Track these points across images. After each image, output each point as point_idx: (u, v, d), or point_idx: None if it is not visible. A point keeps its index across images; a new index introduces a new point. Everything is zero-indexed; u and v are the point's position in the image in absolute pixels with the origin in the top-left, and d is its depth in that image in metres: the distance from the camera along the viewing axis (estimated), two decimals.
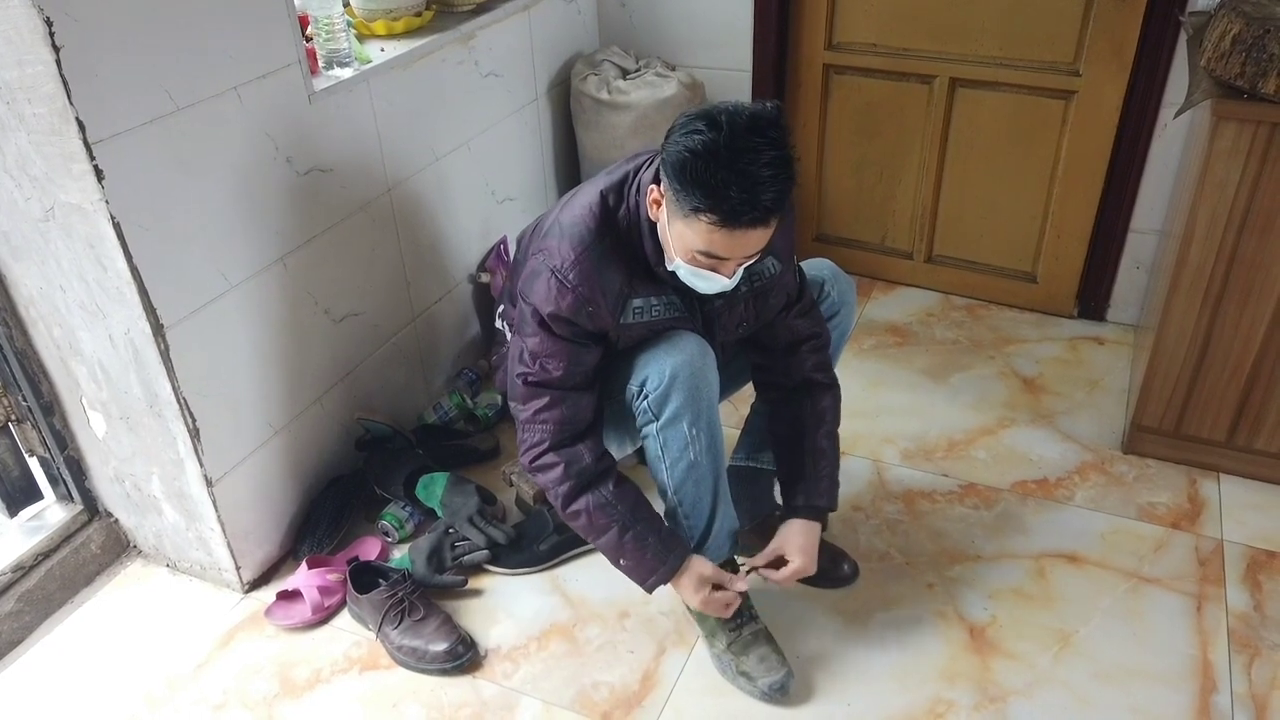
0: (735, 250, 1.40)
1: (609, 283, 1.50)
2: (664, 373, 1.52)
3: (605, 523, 1.57)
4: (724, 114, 1.33)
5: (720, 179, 1.31)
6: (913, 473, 2.13)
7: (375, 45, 2.02)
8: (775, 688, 1.62)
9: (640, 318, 1.55)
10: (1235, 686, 1.65)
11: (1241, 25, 1.69)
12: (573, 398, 1.55)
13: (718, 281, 1.46)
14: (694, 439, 1.56)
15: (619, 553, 1.58)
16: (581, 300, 1.49)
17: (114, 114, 1.43)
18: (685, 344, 1.54)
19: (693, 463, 1.57)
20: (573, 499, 1.57)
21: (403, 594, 1.75)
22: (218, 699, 1.69)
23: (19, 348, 1.75)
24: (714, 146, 1.31)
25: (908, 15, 2.46)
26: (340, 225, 1.92)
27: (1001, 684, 1.66)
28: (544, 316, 1.51)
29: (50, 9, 1.31)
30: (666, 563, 1.58)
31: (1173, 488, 2.07)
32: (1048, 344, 2.56)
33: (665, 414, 1.54)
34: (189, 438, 1.69)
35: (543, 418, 1.56)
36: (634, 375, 1.56)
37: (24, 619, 1.81)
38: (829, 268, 1.80)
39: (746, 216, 1.33)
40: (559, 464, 1.56)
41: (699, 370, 1.53)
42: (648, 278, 1.54)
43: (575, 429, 1.57)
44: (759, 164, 1.31)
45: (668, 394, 1.53)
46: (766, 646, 1.66)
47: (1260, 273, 1.85)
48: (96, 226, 1.49)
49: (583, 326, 1.52)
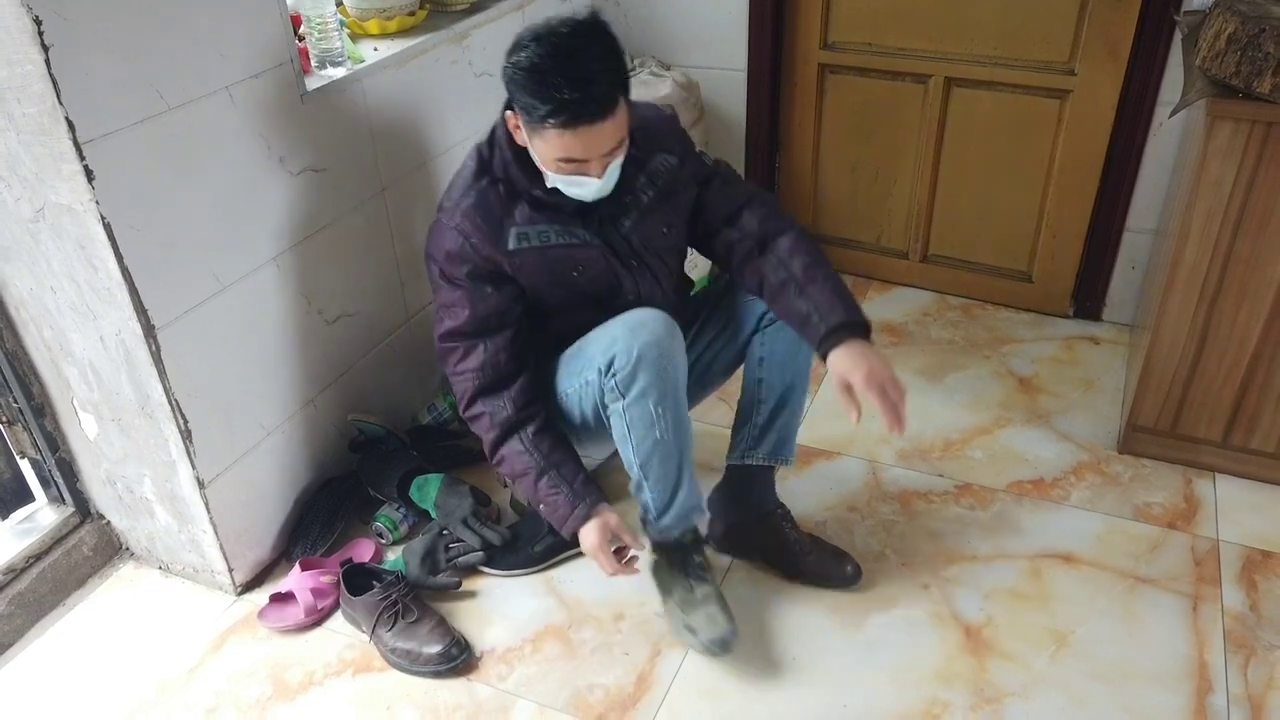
0: (590, 149, 1.47)
1: (488, 214, 1.59)
2: (631, 351, 1.55)
3: (522, 468, 1.63)
4: (545, 27, 1.45)
5: (553, 83, 1.40)
6: (908, 473, 2.13)
7: (368, 44, 2.01)
8: (716, 642, 1.65)
9: (527, 243, 1.60)
10: (1231, 687, 1.64)
11: (1236, 24, 1.69)
12: (485, 343, 1.63)
13: (591, 185, 1.53)
14: (659, 417, 1.58)
15: (537, 497, 1.64)
16: (463, 235, 1.58)
17: (104, 114, 1.42)
18: (652, 324, 1.58)
19: (658, 440, 1.59)
20: (497, 447, 1.65)
21: (396, 596, 1.74)
22: (210, 702, 1.68)
23: (9, 349, 1.74)
24: (540, 55, 1.42)
25: (903, 14, 2.45)
26: (333, 226, 1.91)
27: (997, 685, 1.66)
28: (440, 265, 1.62)
29: (39, 7, 1.30)
30: (577, 509, 1.61)
31: (1168, 488, 2.06)
32: (1043, 344, 2.55)
33: (632, 392, 1.57)
34: (181, 439, 1.68)
35: (460, 369, 1.64)
36: (601, 354, 1.59)
37: (15, 622, 1.80)
38: None
39: (585, 113, 1.42)
40: (484, 414, 1.64)
41: (666, 350, 1.57)
42: (536, 207, 1.60)
43: (496, 375, 1.63)
44: (584, 61, 1.42)
45: (635, 372, 1.55)
46: (715, 606, 1.68)
47: (1255, 272, 1.85)
48: (87, 227, 1.48)
49: (476, 265, 1.59)
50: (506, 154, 1.58)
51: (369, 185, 1.99)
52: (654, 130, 1.68)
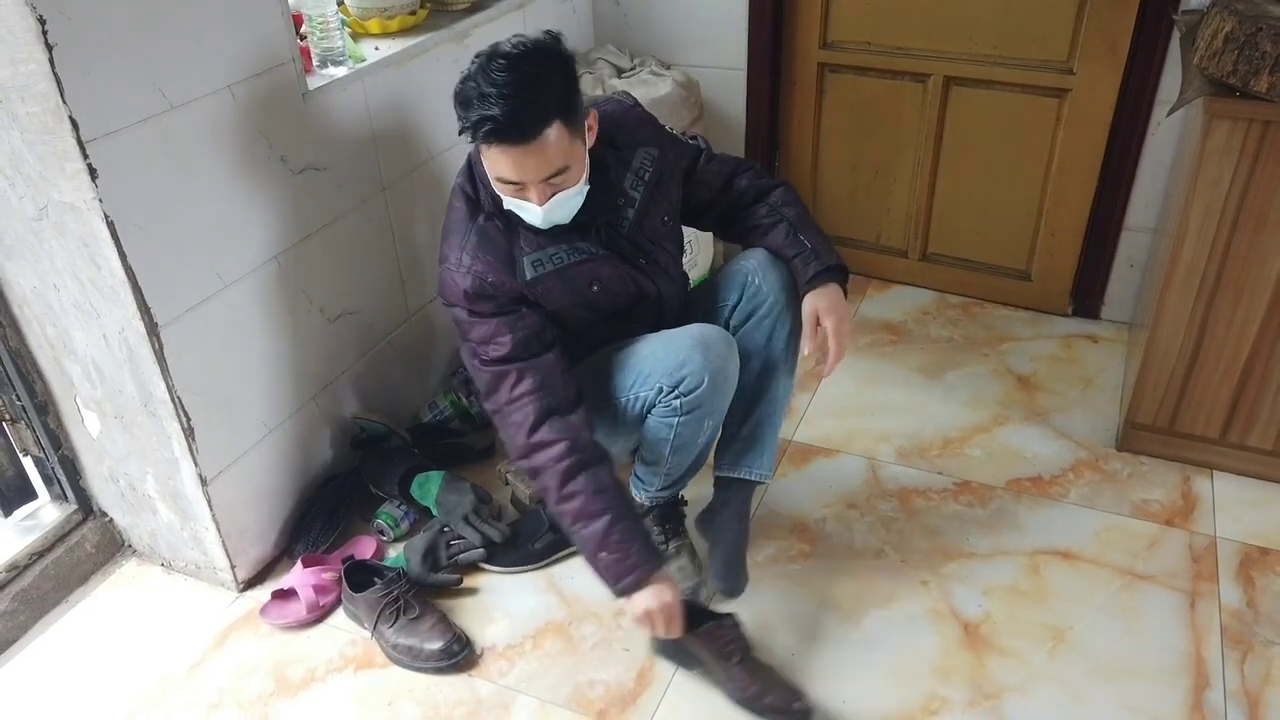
0: (520, 172, 1.43)
1: (495, 251, 1.55)
2: (703, 376, 1.56)
3: (599, 509, 1.50)
4: (498, 45, 1.42)
5: (482, 96, 1.39)
6: (907, 470, 2.14)
7: (369, 44, 2.02)
8: (685, 591, 1.70)
9: (543, 269, 1.56)
10: (1228, 682, 1.65)
11: (1234, 23, 1.69)
12: (537, 364, 1.55)
13: (532, 210, 1.49)
14: (705, 430, 1.65)
15: (603, 544, 1.50)
16: (479, 276, 1.54)
17: (107, 113, 1.43)
18: (718, 345, 1.59)
19: (697, 449, 1.68)
20: (571, 477, 1.51)
21: (398, 592, 1.75)
22: (213, 698, 1.69)
23: (13, 347, 1.74)
24: (479, 69, 1.40)
25: (902, 13, 2.46)
26: (335, 224, 1.92)
27: (996, 681, 1.67)
28: (466, 306, 1.56)
29: (43, 7, 1.31)
30: (646, 565, 1.50)
31: (1166, 485, 2.07)
32: (1042, 342, 2.56)
33: (696, 411, 1.59)
34: (183, 437, 1.69)
35: (519, 392, 1.54)
36: (668, 373, 1.57)
37: (18, 618, 1.81)
38: (756, 256, 1.72)
39: (509, 132, 1.39)
40: (557, 441, 1.51)
41: (730, 375, 1.62)
42: (536, 233, 1.56)
43: (558, 397, 1.55)
44: (520, 81, 1.38)
45: (703, 397, 1.57)
46: (685, 558, 1.80)
47: (1253, 270, 1.86)
48: (90, 225, 1.49)
49: (500, 299, 1.55)
50: (481, 185, 1.56)
51: (370, 184, 1.99)
52: (626, 126, 1.66)
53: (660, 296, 1.70)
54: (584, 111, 1.49)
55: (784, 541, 1.95)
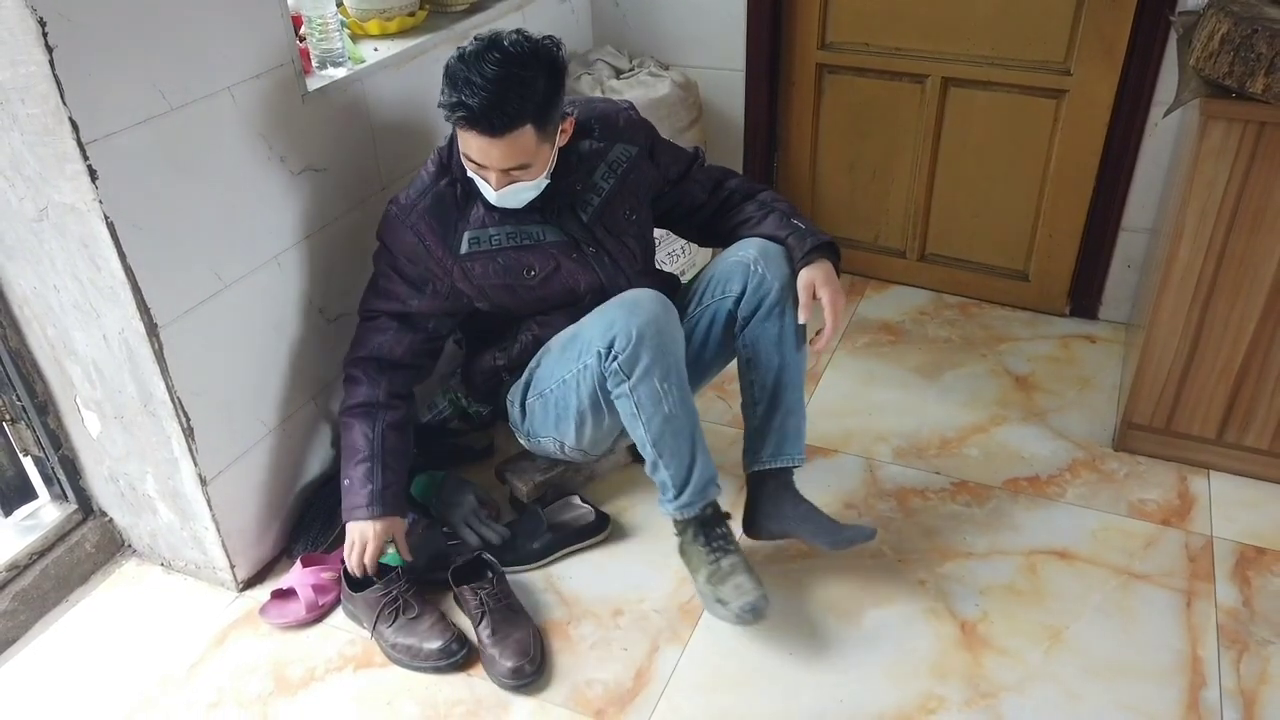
0: (484, 157, 1.55)
1: (443, 217, 1.68)
2: (630, 331, 1.59)
3: (356, 446, 1.75)
4: (498, 35, 1.52)
5: (464, 80, 1.48)
6: (905, 470, 2.14)
7: (369, 45, 2.03)
8: (747, 609, 1.64)
9: (477, 247, 1.69)
10: (1224, 682, 1.66)
11: (1229, 25, 1.70)
12: (400, 331, 1.76)
13: (488, 191, 1.62)
14: (666, 392, 1.62)
15: (348, 472, 1.76)
16: (418, 236, 1.68)
17: (107, 114, 1.44)
18: (647, 302, 1.63)
19: (668, 415, 1.64)
20: (349, 411, 1.78)
21: (397, 592, 1.75)
22: (212, 697, 1.69)
23: (13, 347, 1.75)
24: (471, 54, 1.50)
25: (900, 15, 2.47)
26: (334, 224, 1.92)
27: (993, 680, 1.67)
28: (393, 254, 1.71)
29: (44, 9, 1.32)
30: (367, 508, 1.73)
31: (1163, 484, 2.08)
32: (1040, 342, 2.57)
33: (636, 371, 1.60)
34: (183, 437, 1.70)
35: (370, 331, 1.77)
36: (599, 337, 1.62)
37: (18, 618, 1.82)
38: (755, 246, 1.76)
39: (480, 121, 1.49)
40: (360, 380, 1.77)
41: (664, 326, 1.62)
42: (487, 210, 1.68)
43: (393, 357, 1.77)
44: (505, 78, 1.47)
45: (637, 352, 1.59)
46: (743, 575, 1.68)
47: (1249, 270, 1.87)
48: (90, 226, 1.49)
49: (425, 269, 1.70)
50: (452, 155, 1.66)
51: (369, 184, 2.00)
52: (612, 123, 1.78)
53: (604, 290, 1.76)
54: (560, 116, 1.59)
55: (782, 541, 1.95)
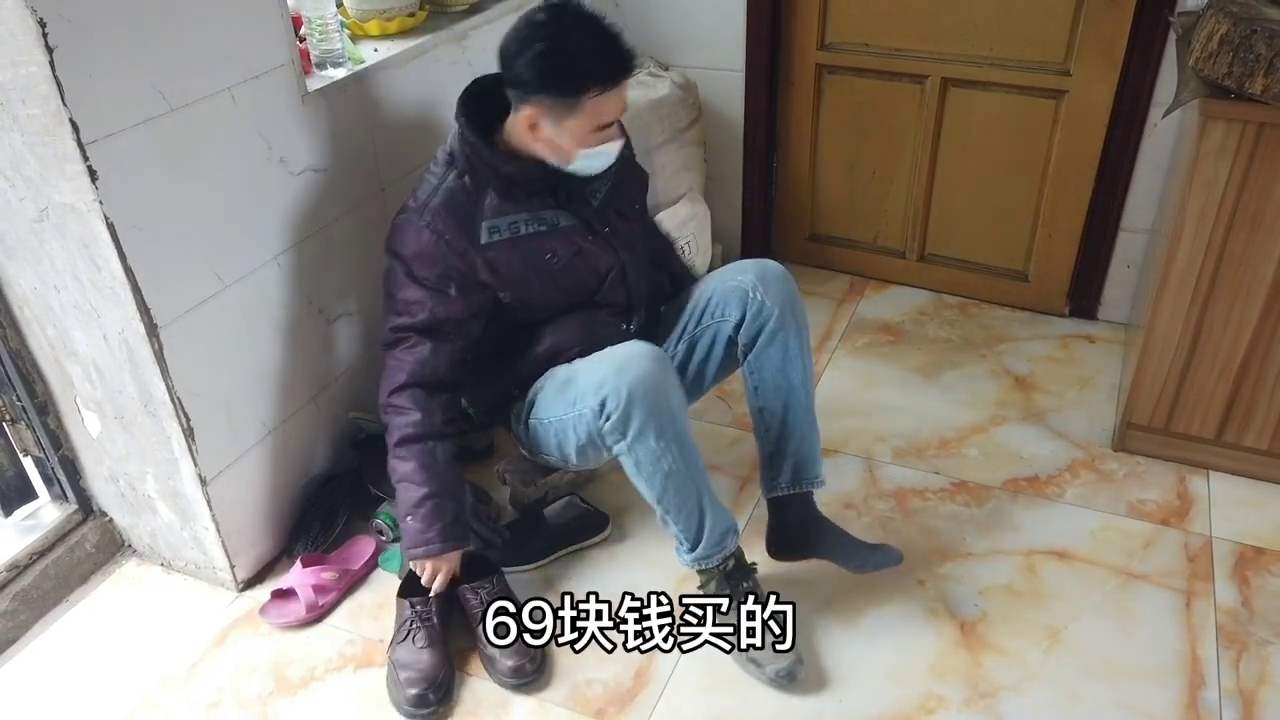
0: (618, 105, 1.58)
1: (458, 211, 1.62)
2: (620, 392, 1.55)
3: (420, 480, 1.65)
4: (535, 20, 1.53)
5: (590, 50, 1.52)
6: (904, 470, 2.14)
7: (369, 45, 2.03)
8: (781, 674, 1.62)
9: (498, 235, 1.64)
10: (1223, 682, 1.66)
11: (1229, 25, 1.70)
12: (435, 345, 1.65)
13: (614, 146, 1.63)
14: (664, 450, 1.58)
15: (413, 511, 1.66)
16: (435, 233, 1.60)
17: (107, 115, 1.44)
18: (638, 359, 1.58)
19: (668, 472, 1.60)
20: (408, 444, 1.66)
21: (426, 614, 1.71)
22: (212, 697, 1.70)
23: (13, 348, 1.75)
24: (560, 37, 1.51)
25: (899, 15, 2.47)
26: (334, 225, 1.92)
27: (992, 680, 1.67)
28: (407, 263, 1.63)
29: (44, 10, 1.32)
30: (440, 544, 1.66)
31: (1162, 485, 2.08)
32: (1039, 342, 2.57)
33: (630, 432, 1.56)
34: (183, 437, 1.70)
35: (401, 357, 1.65)
36: (592, 394, 1.59)
37: (19, 618, 1.82)
38: (751, 271, 1.75)
39: (624, 67, 1.54)
40: (409, 408, 1.65)
41: (656, 384, 1.56)
42: (504, 193, 1.64)
43: (436, 376, 1.66)
44: (600, 25, 1.54)
45: (629, 412, 1.55)
46: None
47: (1248, 270, 1.87)
48: (90, 227, 1.49)
49: (448, 266, 1.62)
50: (471, 138, 1.62)
51: (369, 185, 2.00)
52: None
53: (624, 271, 1.75)
54: None
55: None
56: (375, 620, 1.83)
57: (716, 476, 2.12)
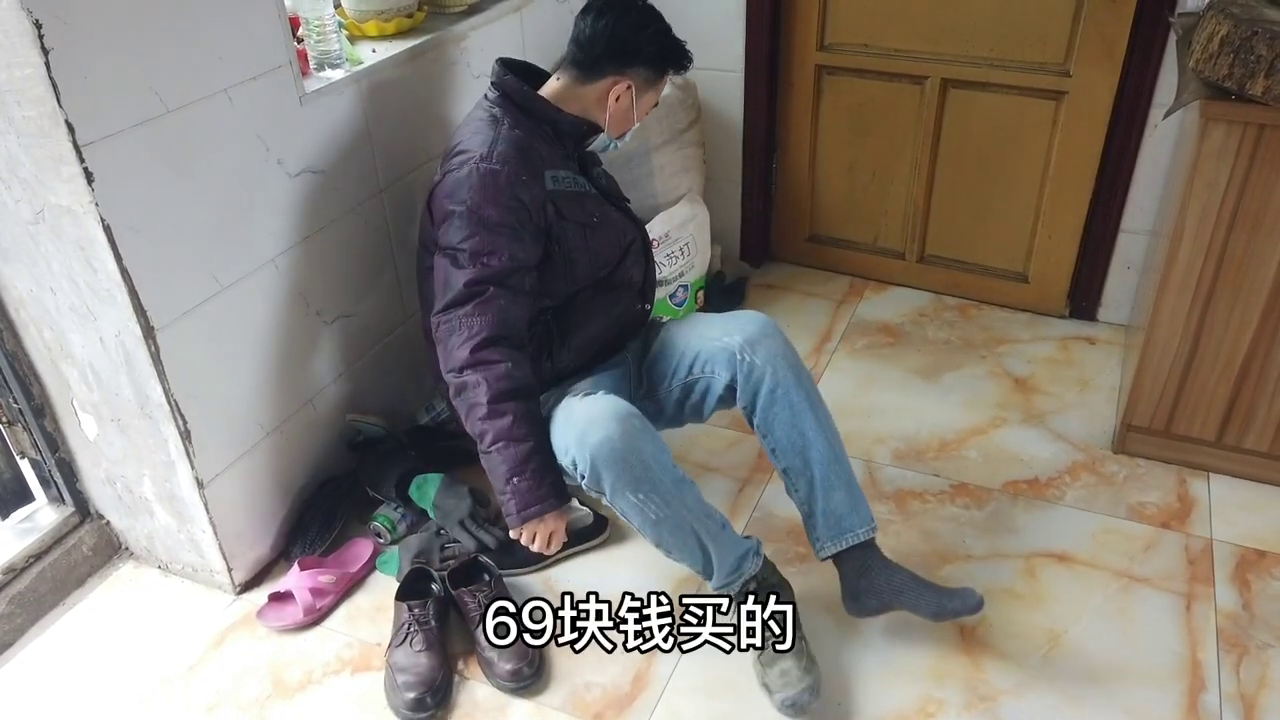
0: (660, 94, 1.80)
1: (526, 154, 1.63)
2: (585, 458, 1.52)
3: (524, 434, 1.55)
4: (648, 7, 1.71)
5: (677, 41, 1.74)
6: (904, 472, 2.14)
7: (367, 46, 2.02)
8: (787, 704, 1.59)
9: (557, 185, 1.68)
10: (1224, 685, 1.65)
11: (1229, 27, 1.69)
12: (511, 296, 1.58)
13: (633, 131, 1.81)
14: (644, 502, 1.55)
15: (520, 469, 1.55)
16: (514, 173, 1.60)
17: (104, 116, 1.43)
18: (601, 421, 1.53)
19: (656, 520, 1.57)
20: (507, 398, 1.55)
21: (425, 617, 1.71)
22: (210, 700, 1.69)
23: (9, 350, 1.74)
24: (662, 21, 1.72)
25: (899, 16, 2.46)
26: (332, 227, 1.92)
27: (992, 683, 1.67)
28: (478, 210, 1.57)
29: (40, 11, 1.31)
30: (553, 499, 1.58)
31: (1162, 487, 2.07)
32: (1039, 344, 2.57)
33: (606, 489, 1.55)
34: (180, 440, 1.69)
35: (484, 310, 1.56)
36: (563, 455, 1.57)
37: (15, 621, 1.81)
38: (738, 330, 1.70)
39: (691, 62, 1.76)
40: (504, 360, 1.55)
41: (621, 445, 1.51)
42: (550, 151, 1.70)
43: (516, 330, 1.59)
44: None
45: (598, 474, 1.53)
46: (790, 661, 1.61)
47: (1249, 272, 1.86)
48: (86, 229, 1.49)
49: (524, 207, 1.60)
50: (527, 91, 1.68)
51: (367, 186, 1.99)
52: None
53: (644, 247, 1.87)
54: None
55: (781, 543, 1.95)
56: (373, 623, 1.83)
57: (715, 479, 2.12)
